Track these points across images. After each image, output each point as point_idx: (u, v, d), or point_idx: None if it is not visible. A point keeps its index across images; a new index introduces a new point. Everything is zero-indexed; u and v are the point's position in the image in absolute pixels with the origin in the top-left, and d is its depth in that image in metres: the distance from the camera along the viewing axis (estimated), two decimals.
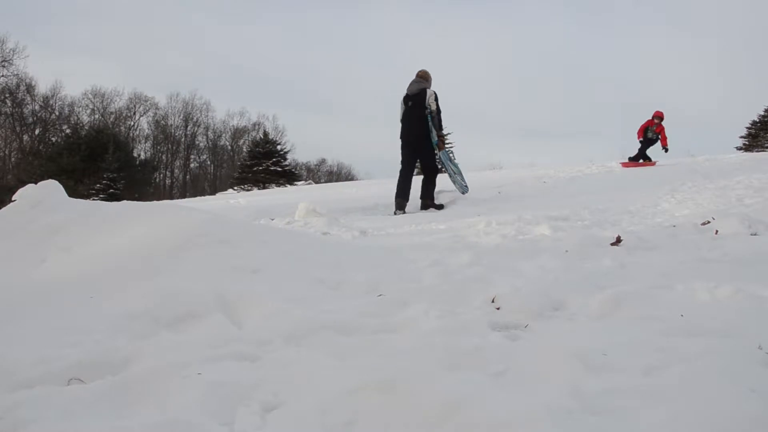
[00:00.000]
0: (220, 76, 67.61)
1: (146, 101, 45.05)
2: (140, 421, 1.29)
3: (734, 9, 70.02)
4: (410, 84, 6.79)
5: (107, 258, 2.69)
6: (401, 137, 6.89)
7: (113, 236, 2.89)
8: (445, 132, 6.95)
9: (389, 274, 2.86)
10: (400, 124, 6.92)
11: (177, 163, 47.18)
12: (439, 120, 6.71)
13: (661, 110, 10.97)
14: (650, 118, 10.96)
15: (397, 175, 6.83)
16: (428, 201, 6.71)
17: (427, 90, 6.66)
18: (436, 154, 6.93)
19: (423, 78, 6.81)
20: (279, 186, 25.14)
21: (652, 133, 10.82)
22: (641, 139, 11.01)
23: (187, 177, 47.03)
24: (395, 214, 6.53)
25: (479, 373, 1.50)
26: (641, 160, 10.95)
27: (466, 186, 7.35)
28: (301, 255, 3.03)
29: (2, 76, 35.66)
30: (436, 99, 6.64)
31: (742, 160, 10.36)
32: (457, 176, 7.27)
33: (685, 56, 70.16)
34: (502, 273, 2.78)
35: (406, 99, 6.75)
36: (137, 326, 2.02)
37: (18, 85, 36.74)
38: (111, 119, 42.93)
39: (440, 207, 6.70)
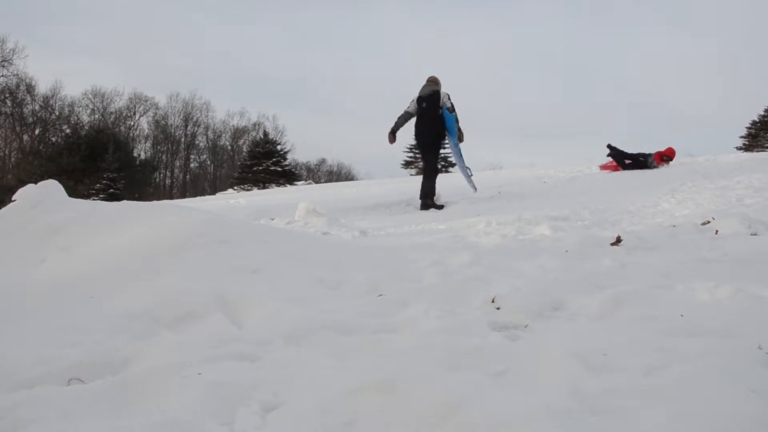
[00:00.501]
0: (220, 77, 67.65)
1: (146, 101, 45.07)
2: (140, 421, 1.29)
3: (734, 9, 70.04)
4: (422, 87, 7.23)
5: (107, 258, 2.69)
6: (416, 137, 7.33)
7: (113, 236, 2.89)
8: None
9: (389, 274, 2.86)
10: (398, 118, 7.30)
11: (177, 163, 47.18)
12: (456, 116, 7.16)
13: (675, 151, 10.35)
14: (663, 150, 10.29)
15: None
16: (428, 201, 6.89)
17: (441, 92, 7.10)
18: (446, 143, 7.37)
19: (434, 82, 7.27)
20: (279, 186, 25.15)
21: (651, 160, 10.28)
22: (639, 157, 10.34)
23: (187, 177, 47.02)
24: (421, 209, 6.91)
25: (479, 373, 1.50)
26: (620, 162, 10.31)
27: (475, 187, 7.65)
28: (301, 255, 3.03)
29: (2, 76, 35.69)
30: (450, 98, 7.11)
31: (742, 160, 10.34)
32: (470, 178, 7.60)
33: (685, 56, 70.16)
34: (502, 273, 2.78)
35: (420, 101, 7.14)
36: (137, 326, 2.02)
37: (18, 85, 36.76)
38: (111, 119, 42.92)
39: (440, 207, 6.81)
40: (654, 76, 68.90)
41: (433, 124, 7.06)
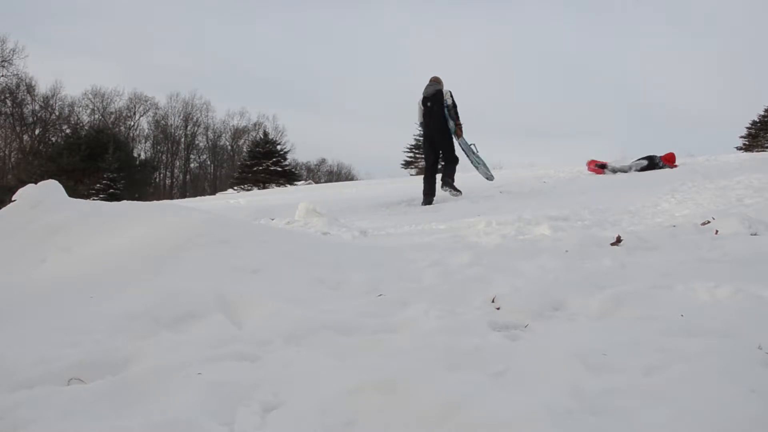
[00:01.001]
0: (220, 76, 67.69)
1: (146, 101, 45.06)
2: (140, 421, 1.29)
3: (734, 9, 70.03)
4: (426, 88, 7.64)
5: (107, 258, 2.69)
6: (424, 135, 7.85)
7: (113, 236, 2.89)
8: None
9: (389, 274, 2.86)
10: (420, 127, 7.86)
11: (177, 163, 47.17)
12: (456, 111, 7.56)
13: (674, 155, 10.38)
14: (664, 154, 10.29)
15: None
16: (449, 179, 7.47)
17: (443, 90, 7.52)
18: (455, 141, 7.70)
19: (436, 81, 7.67)
20: (279, 186, 25.17)
21: (659, 161, 10.26)
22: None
23: (187, 177, 47.01)
24: (423, 205, 7.30)
25: (479, 373, 1.49)
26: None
27: (491, 175, 8.00)
28: (301, 255, 3.02)
29: (2, 76, 35.69)
30: (452, 95, 7.54)
31: (742, 160, 10.34)
32: (481, 166, 7.95)
33: (685, 56, 70.16)
34: (502, 273, 2.77)
35: (425, 101, 7.56)
36: (137, 326, 2.02)
37: (18, 85, 36.75)
38: (111, 119, 42.92)
39: (458, 191, 7.37)
40: (654, 76, 68.95)
41: (439, 120, 7.49)
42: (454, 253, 3.37)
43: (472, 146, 7.86)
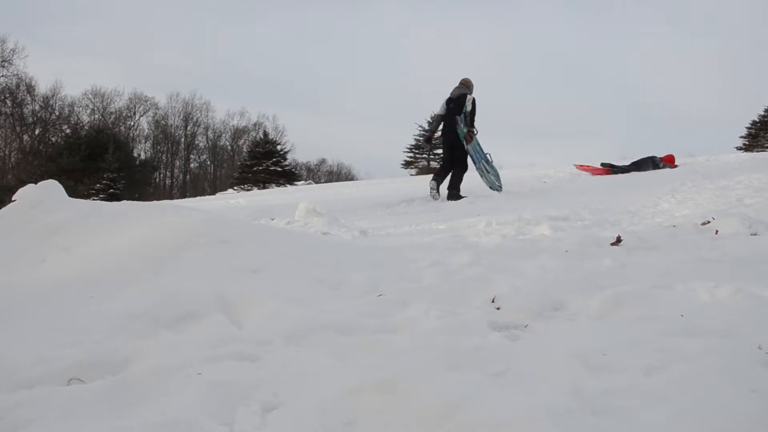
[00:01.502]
0: (220, 76, 67.74)
1: (146, 101, 45.06)
2: (140, 421, 1.29)
3: (734, 9, 70.08)
4: (454, 89, 7.89)
5: (107, 258, 2.69)
6: (442, 135, 8.07)
7: (113, 236, 2.89)
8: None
9: (389, 274, 2.86)
10: (431, 121, 8.34)
11: (177, 163, 47.16)
12: (472, 119, 7.71)
13: (672, 157, 10.43)
14: (664, 156, 10.33)
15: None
16: (454, 191, 7.58)
17: (468, 95, 7.72)
18: (466, 147, 7.89)
19: (465, 85, 7.93)
20: (279, 186, 25.17)
21: (658, 160, 10.29)
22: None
23: (187, 177, 47.01)
24: (431, 194, 7.60)
25: (479, 373, 1.49)
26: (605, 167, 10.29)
27: (499, 186, 7.94)
28: (301, 255, 3.02)
29: (2, 76, 35.70)
30: (474, 103, 7.74)
31: (742, 160, 10.35)
32: (490, 174, 7.98)
33: (685, 56, 70.21)
34: (502, 273, 2.77)
35: (449, 101, 7.81)
36: (137, 326, 2.02)
37: (18, 85, 36.75)
38: (111, 119, 42.91)
39: (463, 197, 7.44)
40: (654, 76, 69.02)
41: (452, 124, 7.67)
42: (454, 253, 3.37)
43: (488, 155, 7.90)
